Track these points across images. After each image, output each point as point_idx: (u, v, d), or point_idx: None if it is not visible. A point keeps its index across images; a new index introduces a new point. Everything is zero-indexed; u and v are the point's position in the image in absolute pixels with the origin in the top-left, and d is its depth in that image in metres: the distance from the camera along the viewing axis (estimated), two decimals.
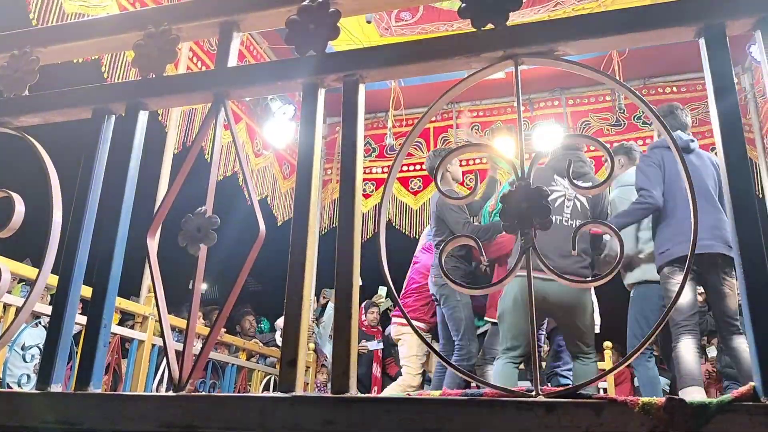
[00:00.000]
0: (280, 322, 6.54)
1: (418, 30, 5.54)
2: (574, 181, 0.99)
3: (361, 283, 1.01)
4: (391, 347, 6.35)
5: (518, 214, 0.92)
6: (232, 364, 5.12)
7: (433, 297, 4.33)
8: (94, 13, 3.88)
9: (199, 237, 1.06)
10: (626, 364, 0.94)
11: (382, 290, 6.61)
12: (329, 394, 0.91)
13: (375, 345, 6.36)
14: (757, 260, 0.84)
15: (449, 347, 4.21)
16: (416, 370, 4.51)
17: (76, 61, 3.08)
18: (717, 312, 3.51)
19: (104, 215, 1.16)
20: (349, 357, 0.94)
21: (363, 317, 6.48)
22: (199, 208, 1.08)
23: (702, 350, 5.75)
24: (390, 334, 6.43)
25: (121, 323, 4.52)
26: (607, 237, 3.72)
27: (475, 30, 1.06)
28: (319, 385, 6.24)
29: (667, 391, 5.69)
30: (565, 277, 0.94)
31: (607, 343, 5.35)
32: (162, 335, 1.08)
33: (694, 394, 3.19)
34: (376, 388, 6.13)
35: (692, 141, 3.76)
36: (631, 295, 3.92)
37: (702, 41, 0.97)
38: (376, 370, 6.28)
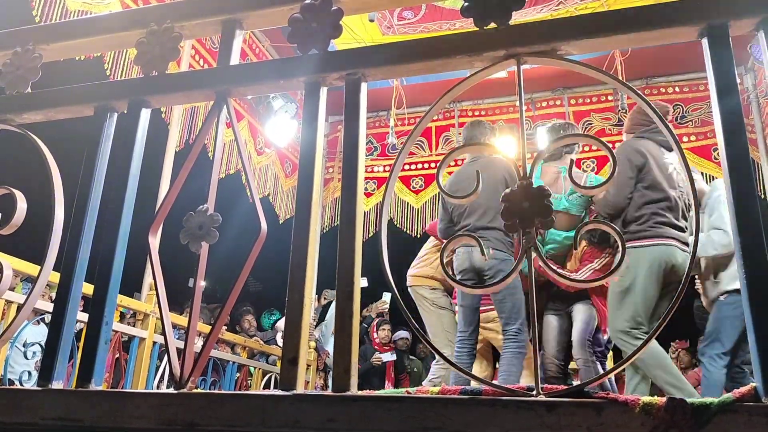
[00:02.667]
0: (281, 323, 6.53)
1: (421, 29, 5.53)
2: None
3: (366, 285, 1.01)
4: (404, 360, 6.34)
5: (519, 213, 0.92)
6: (233, 362, 5.12)
7: (470, 274, 3.54)
8: (96, 11, 3.87)
9: (200, 235, 1.06)
10: (628, 363, 0.93)
11: (387, 296, 6.55)
12: (330, 392, 0.91)
13: (388, 357, 6.38)
14: (759, 261, 0.84)
15: (475, 336, 3.66)
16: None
17: (79, 59, 3.08)
18: None
19: (106, 213, 1.16)
20: (350, 355, 0.94)
21: (375, 335, 6.44)
22: (201, 206, 1.08)
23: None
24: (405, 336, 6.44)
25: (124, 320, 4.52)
26: (702, 237, 3.43)
27: (477, 29, 1.06)
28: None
29: None
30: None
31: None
32: (164, 333, 1.08)
33: None
34: None
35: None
36: (725, 300, 3.43)
37: (705, 41, 0.97)
38: (388, 387, 6.28)
